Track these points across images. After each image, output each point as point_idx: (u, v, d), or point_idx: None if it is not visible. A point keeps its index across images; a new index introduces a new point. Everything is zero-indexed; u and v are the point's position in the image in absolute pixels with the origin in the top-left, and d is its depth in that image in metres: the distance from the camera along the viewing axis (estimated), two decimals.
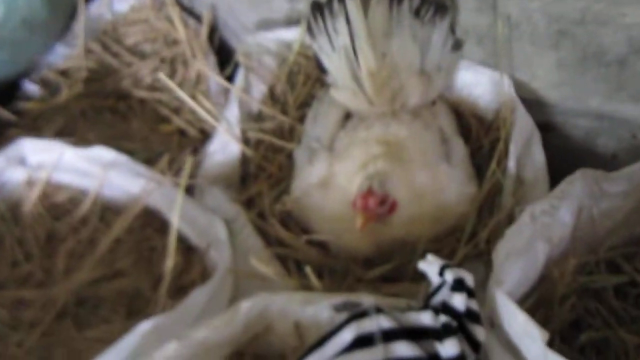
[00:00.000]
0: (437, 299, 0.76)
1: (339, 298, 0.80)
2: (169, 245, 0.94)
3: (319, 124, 1.08)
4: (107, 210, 1.06)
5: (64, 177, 1.06)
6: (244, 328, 0.80)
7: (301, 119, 1.15)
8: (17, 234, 1.00)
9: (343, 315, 0.76)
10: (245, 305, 0.80)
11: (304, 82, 1.20)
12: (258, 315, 0.81)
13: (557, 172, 0.93)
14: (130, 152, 1.07)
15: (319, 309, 0.80)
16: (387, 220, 0.91)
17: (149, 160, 1.08)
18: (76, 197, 1.06)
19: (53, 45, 1.34)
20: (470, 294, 0.73)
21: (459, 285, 0.72)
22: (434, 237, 0.95)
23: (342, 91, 1.05)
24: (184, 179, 0.99)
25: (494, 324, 0.77)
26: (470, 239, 0.94)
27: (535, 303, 0.83)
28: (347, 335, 0.72)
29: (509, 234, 0.81)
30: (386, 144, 0.96)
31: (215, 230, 0.98)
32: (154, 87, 1.31)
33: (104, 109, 1.27)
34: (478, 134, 1.08)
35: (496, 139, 1.04)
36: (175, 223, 0.95)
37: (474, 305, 0.74)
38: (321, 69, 1.11)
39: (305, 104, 1.18)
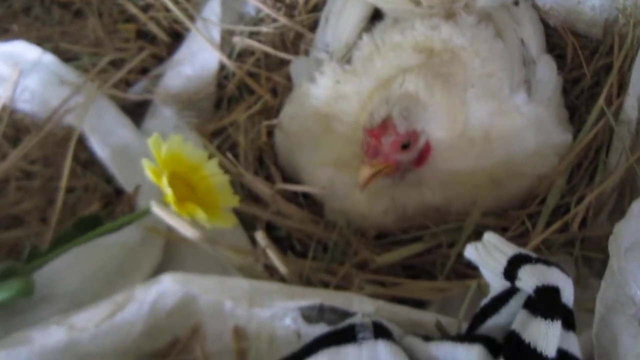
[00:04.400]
0: (496, 323, 0.39)
1: (314, 297, 0.48)
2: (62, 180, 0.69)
3: (331, 25, 0.79)
4: (22, 130, 0.83)
5: None
6: (148, 328, 0.49)
7: (312, 27, 0.90)
8: None
9: (317, 330, 0.46)
10: (147, 290, 0.48)
11: None
12: (173, 311, 0.50)
13: None
14: (73, 58, 0.90)
15: (278, 311, 0.49)
16: (413, 176, 0.61)
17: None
18: None
19: None
20: (569, 321, 0.35)
21: (547, 302, 0.35)
22: (493, 209, 0.66)
23: None
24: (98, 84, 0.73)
25: None
26: (554, 216, 0.64)
27: None
28: None
29: (636, 210, 0.50)
30: (428, 52, 0.67)
31: None
32: None
33: (56, 3, 1.07)
34: (576, 58, 0.80)
35: (605, 68, 0.78)
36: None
37: (574, 345, 0.36)
38: None
39: (321, 7, 0.90)
